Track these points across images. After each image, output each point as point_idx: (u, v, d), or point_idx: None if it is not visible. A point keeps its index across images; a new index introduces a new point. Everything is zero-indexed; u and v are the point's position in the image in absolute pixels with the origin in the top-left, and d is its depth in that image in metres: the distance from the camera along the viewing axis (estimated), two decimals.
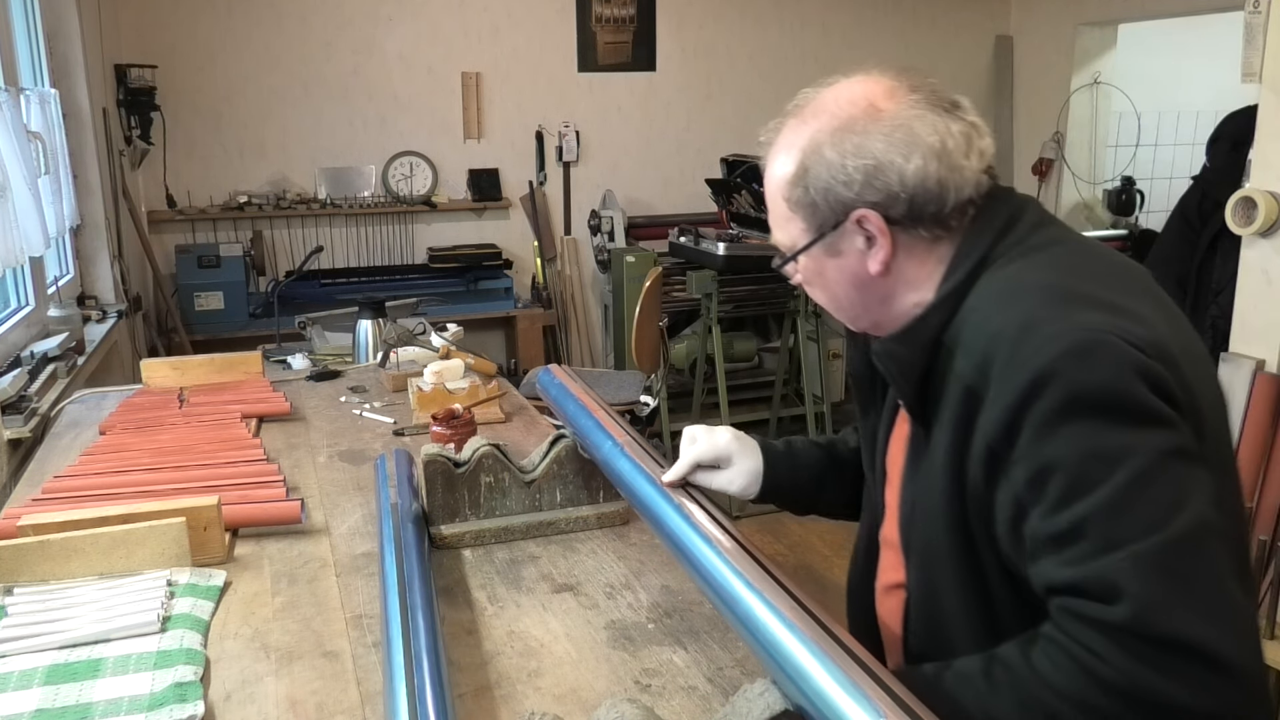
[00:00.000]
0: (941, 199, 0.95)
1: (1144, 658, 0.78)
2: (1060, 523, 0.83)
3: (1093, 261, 0.96)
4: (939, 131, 0.94)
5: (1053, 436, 0.84)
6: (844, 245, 0.99)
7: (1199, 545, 0.80)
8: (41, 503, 1.55)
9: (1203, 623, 0.78)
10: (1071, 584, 0.83)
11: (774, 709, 0.86)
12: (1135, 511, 0.80)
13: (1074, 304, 0.88)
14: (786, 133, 1.01)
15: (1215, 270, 2.69)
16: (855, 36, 5.38)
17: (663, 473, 1.22)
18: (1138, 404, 0.83)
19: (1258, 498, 2.20)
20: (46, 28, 3.21)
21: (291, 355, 2.90)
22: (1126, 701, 0.79)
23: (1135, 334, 0.85)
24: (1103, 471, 0.81)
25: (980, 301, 0.94)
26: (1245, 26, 2.25)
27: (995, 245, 0.96)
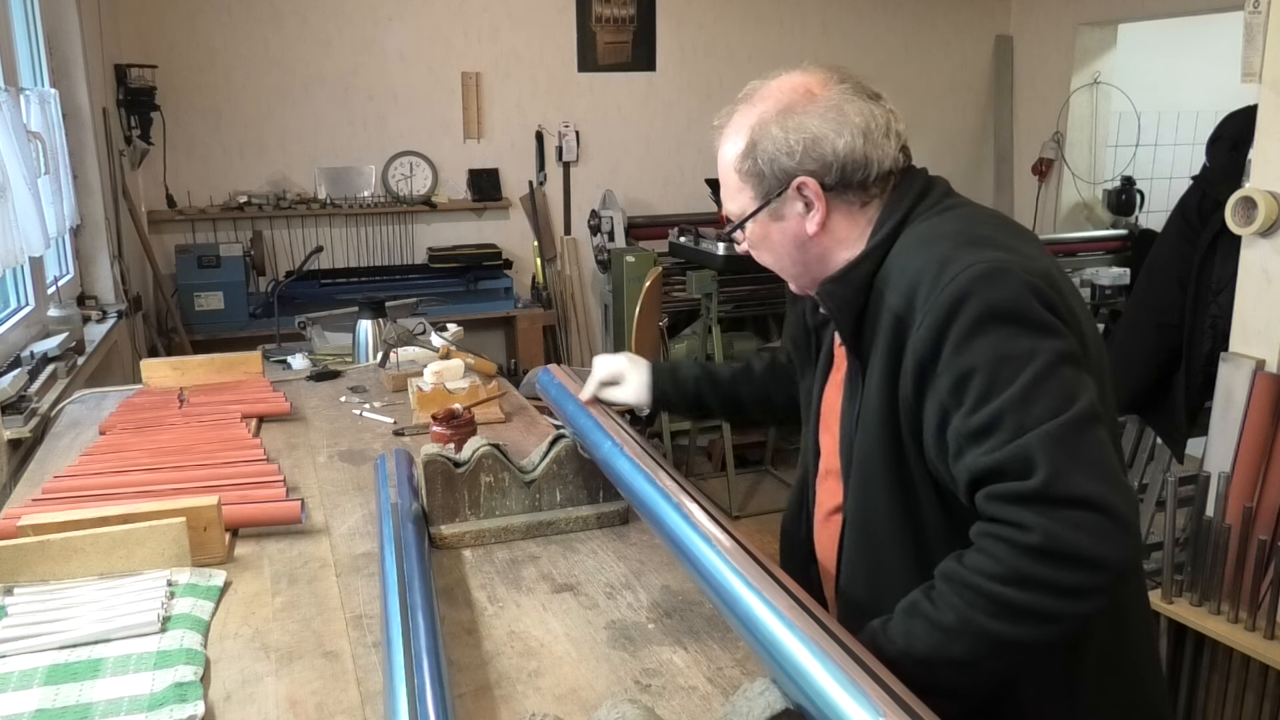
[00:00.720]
0: (866, 169, 1.14)
1: (1058, 517, 0.93)
2: (981, 418, 0.99)
3: (990, 218, 1.17)
4: (864, 114, 1.14)
5: (970, 346, 1.00)
6: (786, 210, 1.17)
7: (1090, 426, 0.97)
8: (41, 503, 1.55)
9: (1098, 483, 0.94)
10: (993, 467, 0.97)
11: (774, 708, 0.86)
12: (1040, 401, 0.97)
13: (980, 245, 1.06)
14: (738, 117, 1.20)
15: (1215, 270, 2.69)
16: (855, 36, 5.38)
17: (663, 473, 1.23)
18: (1037, 317, 1.00)
19: (1258, 498, 2.20)
20: (46, 28, 3.21)
21: (291, 355, 2.90)
22: (1048, 559, 0.93)
23: (1029, 266, 1.04)
24: (1012, 371, 0.98)
25: (903, 248, 1.12)
26: (1245, 26, 2.25)
27: (914, 208, 1.15)
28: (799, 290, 1.27)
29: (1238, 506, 2.20)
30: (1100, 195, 5.29)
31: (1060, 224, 5.43)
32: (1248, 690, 2.23)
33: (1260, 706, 2.20)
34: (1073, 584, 0.93)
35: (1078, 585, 0.93)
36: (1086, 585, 0.93)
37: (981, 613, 0.95)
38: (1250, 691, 2.22)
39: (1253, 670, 2.20)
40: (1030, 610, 0.94)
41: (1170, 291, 2.83)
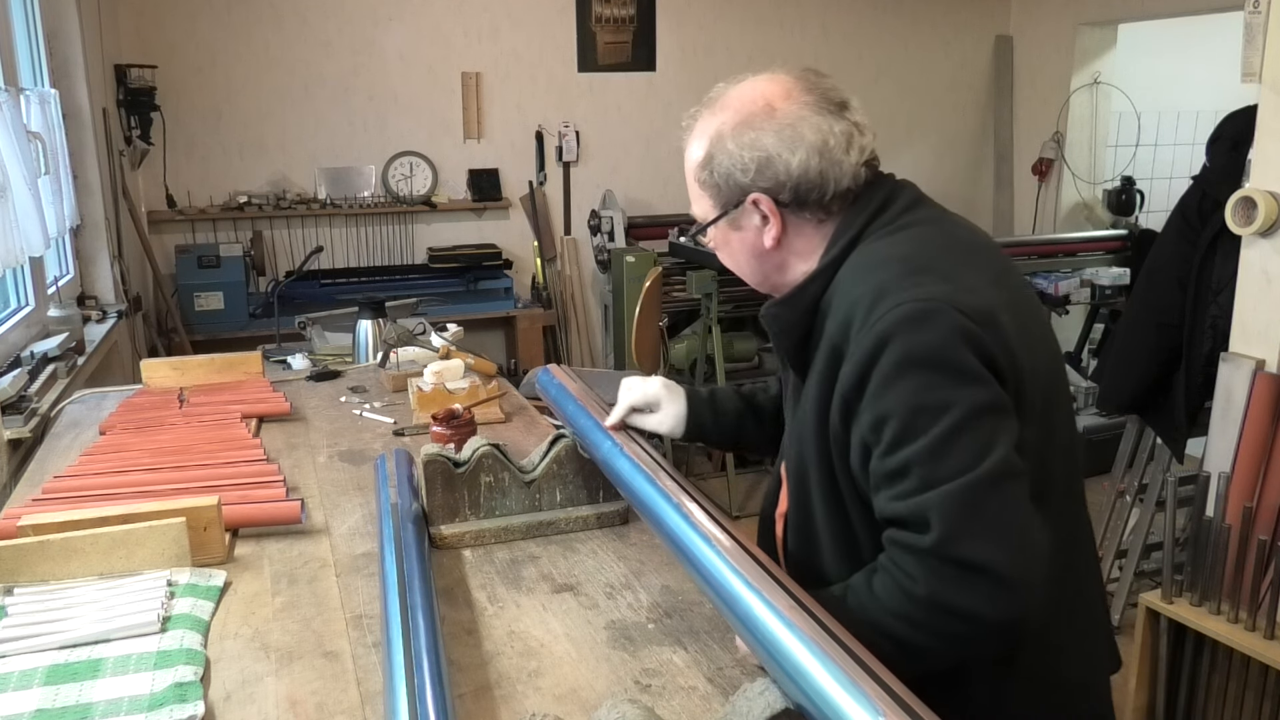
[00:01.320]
0: (822, 188, 1.12)
1: (945, 577, 0.96)
2: (892, 463, 1.00)
3: (947, 239, 1.13)
4: (822, 131, 1.11)
5: (889, 390, 1.00)
6: (744, 221, 1.17)
7: (997, 486, 0.96)
8: (41, 503, 1.55)
9: (991, 547, 0.95)
10: (897, 516, 1.01)
11: (774, 708, 0.86)
12: (950, 457, 0.97)
13: (919, 275, 1.04)
14: (701, 122, 1.19)
15: (1215, 270, 2.69)
16: (855, 36, 5.38)
17: (663, 473, 1.22)
18: (959, 364, 0.99)
19: (1258, 498, 2.20)
20: (46, 28, 3.21)
21: (291, 355, 2.90)
22: (933, 612, 0.97)
23: (966, 303, 1.01)
24: (926, 422, 0.98)
25: (848, 273, 1.11)
26: (1245, 26, 2.25)
27: (868, 225, 1.13)
28: (763, 291, 1.28)
29: (1238, 506, 2.20)
30: (1100, 195, 5.29)
31: (1060, 224, 5.43)
32: (1248, 690, 2.23)
33: (1260, 706, 2.20)
34: (954, 633, 0.98)
35: (960, 635, 0.98)
36: (968, 636, 0.98)
37: (875, 633, 0.98)
38: (1250, 691, 2.22)
39: (1253, 670, 2.20)
40: (913, 644, 0.99)
41: (1170, 291, 2.83)
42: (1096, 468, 4.41)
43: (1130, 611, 3.11)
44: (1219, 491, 2.23)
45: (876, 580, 1.02)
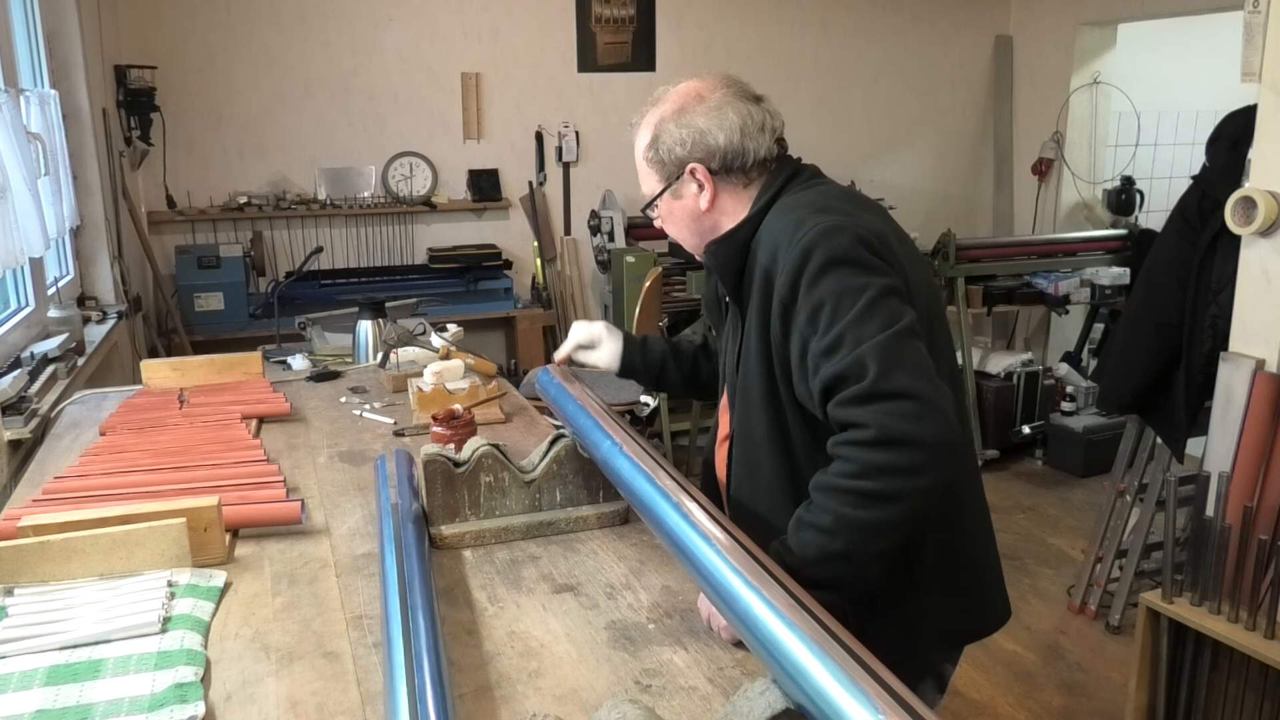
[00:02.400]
0: (744, 158, 1.40)
1: (884, 409, 1.17)
2: (829, 339, 1.23)
3: (842, 194, 1.43)
4: (742, 114, 1.40)
5: (818, 285, 1.25)
6: (684, 190, 1.44)
7: (910, 337, 1.22)
8: (42, 503, 1.55)
9: (915, 379, 1.18)
10: (838, 374, 1.21)
11: (775, 708, 0.86)
12: (872, 320, 1.21)
13: (826, 211, 1.32)
14: (647, 116, 1.45)
15: (1215, 270, 2.68)
16: (855, 36, 5.38)
17: (663, 473, 1.23)
18: (867, 260, 1.26)
19: (1258, 498, 2.20)
20: (46, 28, 3.21)
21: (291, 356, 2.90)
22: (885, 447, 1.16)
23: (860, 223, 1.30)
24: (851, 300, 1.23)
25: (772, 217, 1.38)
26: (1245, 26, 2.25)
27: (784, 187, 1.41)
28: (699, 257, 1.50)
29: (1238, 506, 2.20)
30: (1100, 195, 5.29)
31: (1060, 224, 5.43)
32: (1248, 690, 2.23)
33: (1260, 706, 2.20)
34: (907, 463, 1.16)
35: (911, 464, 1.16)
36: (918, 462, 1.16)
37: (849, 506, 1.18)
38: (1250, 691, 2.22)
39: (1253, 670, 2.20)
40: (882, 494, 1.17)
41: (1170, 291, 2.83)
42: (1096, 468, 4.42)
43: (1130, 611, 3.11)
44: (1219, 491, 2.23)
45: (830, 468, 1.22)
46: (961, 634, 1.48)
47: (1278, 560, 2.11)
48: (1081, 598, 3.35)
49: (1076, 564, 3.55)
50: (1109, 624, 3.23)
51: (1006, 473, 4.62)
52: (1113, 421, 4.39)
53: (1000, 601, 1.50)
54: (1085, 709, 2.84)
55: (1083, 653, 3.12)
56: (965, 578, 1.43)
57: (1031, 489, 4.45)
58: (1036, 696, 2.88)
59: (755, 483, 1.40)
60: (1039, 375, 4.69)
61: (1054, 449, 4.65)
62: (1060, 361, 5.10)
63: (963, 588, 1.42)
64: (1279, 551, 2.11)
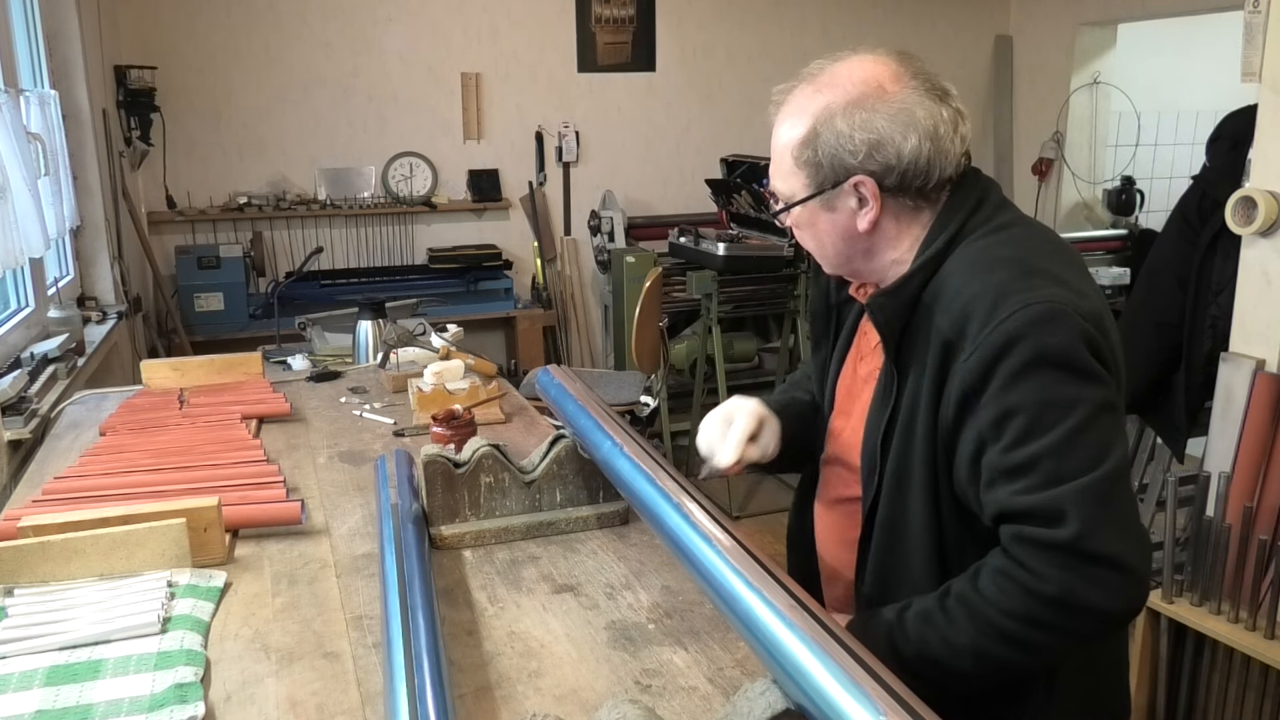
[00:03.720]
0: (928, 175, 1.12)
1: (1078, 571, 0.98)
2: (1018, 457, 1.02)
3: (1044, 242, 1.16)
4: (934, 117, 1.10)
5: (1017, 386, 1.02)
6: (839, 203, 1.15)
7: (1120, 480, 1.01)
8: (42, 504, 1.55)
9: (1123, 541, 0.99)
10: (1024, 510, 1.01)
11: (775, 708, 0.86)
12: (1079, 452, 1.00)
13: (1036, 277, 1.06)
14: (800, 98, 1.15)
15: (1215, 270, 2.69)
16: (855, 37, 5.36)
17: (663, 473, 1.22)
18: (1085, 365, 1.03)
19: (1258, 498, 2.20)
20: (46, 29, 3.21)
21: (291, 356, 2.90)
22: (1062, 610, 0.99)
23: (1082, 307, 1.05)
24: (1055, 417, 1.01)
25: (957, 268, 1.11)
26: (1245, 26, 2.25)
27: (968, 221, 1.14)
28: (831, 274, 1.27)
29: (1238, 506, 2.20)
30: (1100, 195, 5.29)
31: (1060, 224, 5.43)
32: (1248, 690, 2.23)
33: (1260, 706, 2.20)
34: (1080, 630, 1.01)
35: (1084, 632, 1.02)
36: (1093, 632, 1.02)
37: (990, 640, 1.02)
38: (1250, 691, 2.22)
39: (1253, 670, 2.20)
40: (1036, 645, 1.02)
41: (1170, 291, 2.83)
42: None
43: None
44: (1219, 491, 2.23)
45: (985, 583, 1.04)
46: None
47: (1278, 560, 2.11)
48: None
49: None
50: None
51: None
52: None
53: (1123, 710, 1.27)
54: None
55: None
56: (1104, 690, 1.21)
57: None
58: None
59: (901, 576, 1.17)
60: None
61: None
62: None
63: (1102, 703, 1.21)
64: (1279, 552, 2.11)
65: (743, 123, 5.08)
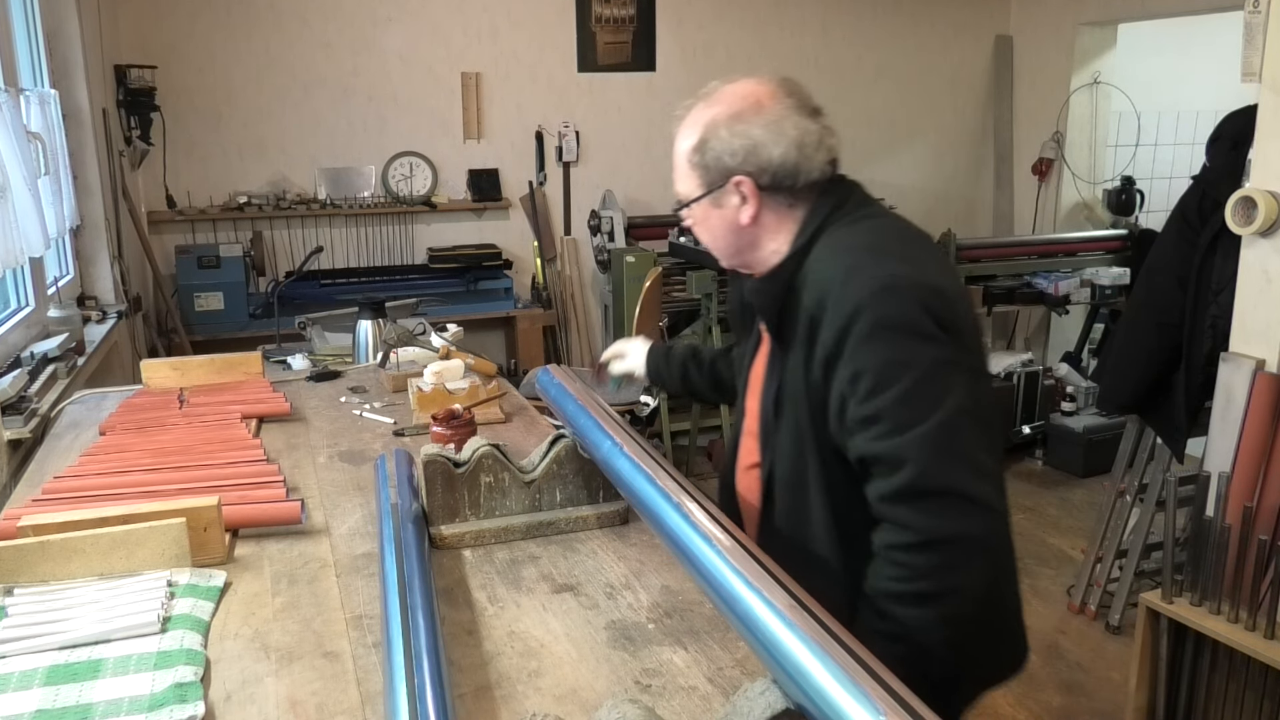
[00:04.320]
0: (795, 176, 1.30)
1: (925, 507, 1.15)
2: (867, 409, 1.19)
3: (895, 230, 1.34)
4: (800, 129, 1.30)
5: (865, 349, 1.19)
6: (724, 200, 1.34)
7: (958, 424, 1.16)
8: (41, 503, 1.55)
9: (960, 473, 1.15)
10: (875, 455, 1.19)
11: (775, 708, 0.86)
12: (917, 403, 1.16)
13: (882, 257, 1.25)
14: (694, 113, 1.36)
15: (1215, 270, 2.68)
16: (855, 37, 5.38)
17: (663, 473, 1.23)
18: (922, 328, 1.19)
19: (1258, 498, 2.20)
20: (46, 28, 3.21)
21: (291, 356, 2.90)
22: (931, 548, 1.15)
23: (920, 280, 1.22)
24: (898, 373, 1.17)
25: (820, 254, 1.30)
26: (1245, 26, 2.25)
27: (830, 216, 1.32)
28: (728, 267, 1.46)
29: (1238, 506, 2.20)
30: (1100, 195, 5.29)
31: (1060, 224, 5.43)
32: (1248, 690, 2.23)
33: (1260, 706, 2.20)
34: (953, 560, 1.15)
35: (957, 560, 1.15)
36: (964, 556, 1.15)
37: (908, 607, 1.16)
38: (1250, 691, 2.22)
39: (1253, 670, 2.20)
40: (938, 592, 1.16)
41: (1170, 291, 2.83)
42: (1097, 468, 4.42)
43: (1130, 611, 3.11)
44: (1219, 491, 2.23)
45: (883, 571, 1.19)
46: (987, 678, 1.42)
47: (1278, 560, 2.11)
48: (1081, 598, 3.35)
49: (1076, 564, 3.55)
50: (1109, 624, 3.23)
51: (1006, 473, 4.58)
52: (1113, 421, 4.39)
53: (1021, 646, 1.44)
54: (1085, 709, 2.84)
55: (1083, 653, 3.12)
56: (995, 626, 1.37)
57: (1031, 489, 4.45)
58: (1036, 696, 2.88)
59: (806, 527, 1.33)
60: (1039, 375, 4.69)
61: (1054, 449, 4.65)
62: (1060, 361, 5.10)
63: (993, 635, 1.36)
64: (1279, 551, 2.11)
65: None
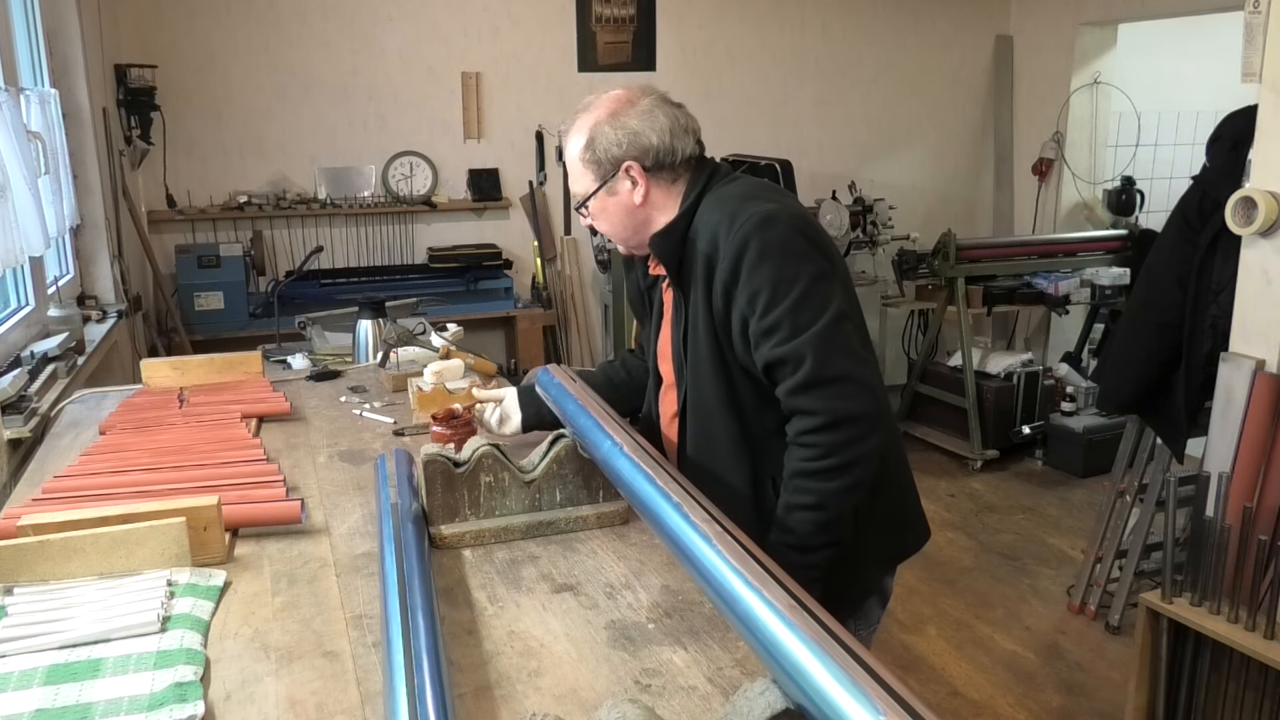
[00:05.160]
0: (673, 155, 1.55)
1: (826, 393, 1.41)
2: (767, 322, 1.43)
3: (761, 186, 1.58)
4: (670, 117, 1.56)
5: (757, 271, 1.43)
6: (618, 187, 1.57)
7: (840, 324, 1.43)
8: (41, 503, 1.55)
9: (849, 362, 1.42)
10: (778, 359, 1.43)
11: (774, 708, 0.86)
12: (807, 309, 1.41)
13: (756, 200, 1.50)
14: (578, 120, 1.58)
15: (1215, 270, 2.68)
16: (855, 36, 5.38)
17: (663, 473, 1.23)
18: (800, 248, 1.45)
19: (1257, 498, 2.20)
20: (46, 28, 3.21)
21: (291, 355, 2.90)
22: (834, 427, 1.40)
23: (792, 211, 1.50)
24: (787, 288, 1.42)
25: (705, 209, 1.54)
26: (1245, 26, 2.25)
27: (709, 181, 1.58)
28: (627, 251, 1.68)
29: (1238, 506, 2.20)
30: (1100, 195, 5.29)
31: (1060, 224, 5.43)
32: (1248, 690, 2.23)
33: (1260, 706, 2.20)
34: (857, 434, 1.41)
35: (859, 434, 1.41)
36: (864, 431, 1.41)
37: (824, 481, 1.42)
38: (1250, 691, 2.22)
39: (1253, 670, 2.20)
40: (847, 464, 1.41)
41: (1170, 291, 2.83)
42: (1096, 468, 4.42)
43: (1130, 611, 3.11)
44: (1219, 491, 2.23)
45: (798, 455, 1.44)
46: (896, 553, 1.69)
47: (1277, 560, 2.11)
48: (1081, 598, 3.36)
49: (1076, 564, 3.55)
50: (1109, 624, 3.23)
51: (1006, 473, 4.62)
52: (1113, 422, 4.39)
53: (922, 524, 1.72)
54: (1085, 709, 2.84)
55: (1082, 653, 3.12)
56: (896, 505, 1.64)
57: (1031, 489, 4.45)
58: (1036, 696, 2.88)
59: (712, 445, 1.57)
60: (1039, 375, 4.69)
61: (1054, 449, 4.65)
62: (1060, 362, 5.10)
63: (894, 514, 1.64)
64: (1279, 552, 2.11)
65: (743, 122, 5.08)
